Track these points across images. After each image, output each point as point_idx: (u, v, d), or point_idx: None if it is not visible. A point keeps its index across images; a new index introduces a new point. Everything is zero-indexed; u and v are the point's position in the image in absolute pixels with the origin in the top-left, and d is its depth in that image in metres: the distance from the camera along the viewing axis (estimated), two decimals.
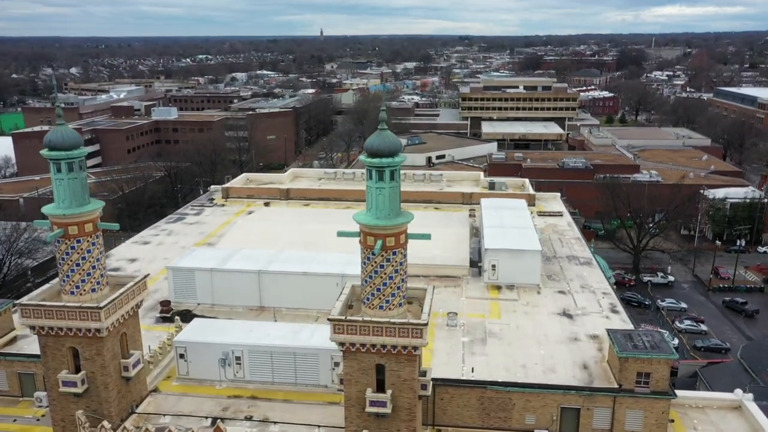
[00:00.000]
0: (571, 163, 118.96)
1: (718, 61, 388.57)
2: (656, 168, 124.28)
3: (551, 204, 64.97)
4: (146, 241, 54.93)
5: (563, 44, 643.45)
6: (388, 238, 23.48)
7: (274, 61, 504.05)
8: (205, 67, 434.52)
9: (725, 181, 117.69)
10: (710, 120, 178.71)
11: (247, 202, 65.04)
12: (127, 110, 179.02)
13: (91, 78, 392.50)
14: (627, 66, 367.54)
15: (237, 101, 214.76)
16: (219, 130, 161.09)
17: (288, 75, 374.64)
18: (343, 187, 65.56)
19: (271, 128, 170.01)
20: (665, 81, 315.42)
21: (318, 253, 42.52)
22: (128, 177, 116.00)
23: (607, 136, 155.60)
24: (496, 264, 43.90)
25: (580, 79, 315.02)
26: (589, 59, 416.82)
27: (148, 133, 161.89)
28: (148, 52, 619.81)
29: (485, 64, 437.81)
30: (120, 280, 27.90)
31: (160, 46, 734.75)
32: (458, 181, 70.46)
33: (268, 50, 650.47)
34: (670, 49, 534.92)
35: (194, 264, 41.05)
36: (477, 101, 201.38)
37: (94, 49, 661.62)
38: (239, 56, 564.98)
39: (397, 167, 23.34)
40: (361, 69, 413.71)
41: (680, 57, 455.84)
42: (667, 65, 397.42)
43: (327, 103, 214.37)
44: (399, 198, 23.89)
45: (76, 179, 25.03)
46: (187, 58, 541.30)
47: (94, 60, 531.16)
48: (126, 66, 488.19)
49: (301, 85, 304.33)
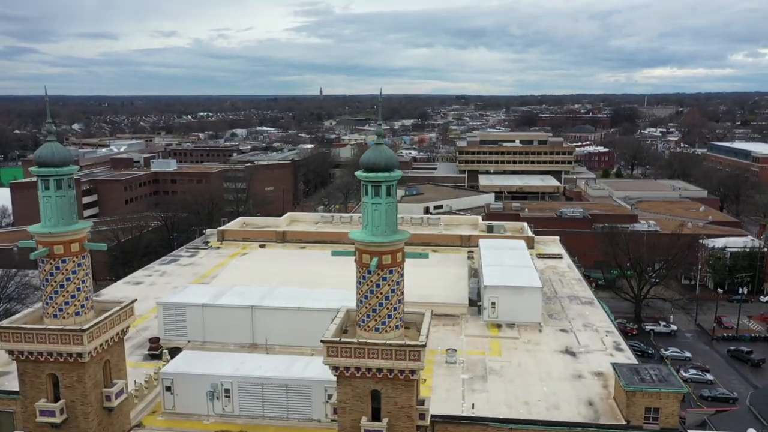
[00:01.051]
0: (569, 213, 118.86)
1: (710, 119, 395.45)
2: (654, 218, 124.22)
3: (550, 247, 64.28)
4: (138, 281, 53.83)
5: (558, 103, 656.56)
6: (384, 256, 22.71)
7: (274, 117, 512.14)
8: (206, 124, 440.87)
9: (724, 231, 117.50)
10: (705, 173, 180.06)
11: (242, 245, 64.22)
12: (126, 162, 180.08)
13: (93, 134, 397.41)
14: (621, 123, 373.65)
15: (236, 155, 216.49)
16: (217, 181, 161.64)
17: (287, 131, 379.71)
18: (340, 230, 64.91)
19: (269, 180, 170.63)
20: (659, 137, 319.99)
21: (313, 290, 41.49)
22: (125, 227, 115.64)
23: (603, 188, 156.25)
24: (495, 301, 42.82)
25: (576, 135, 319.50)
26: (584, 117, 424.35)
27: (146, 184, 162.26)
28: (150, 109, 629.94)
29: (482, 122, 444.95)
30: (106, 305, 26.88)
31: (163, 104, 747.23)
32: (456, 225, 69.93)
33: (268, 108, 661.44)
34: (662, 107, 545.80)
35: (186, 300, 39.96)
36: (474, 155, 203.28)
37: (97, 107, 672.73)
38: (240, 113, 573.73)
39: (393, 182, 22.82)
40: (359, 125, 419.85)
41: (673, 115, 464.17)
42: (660, 123, 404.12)
43: (325, 157, 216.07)
44: (396, 215, 23.25)
45: (64, 197, 24.41)
46: (189, 115, 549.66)
47: (97, 117, 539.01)
48: (128, 122, 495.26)
49: (301, 140, 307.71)
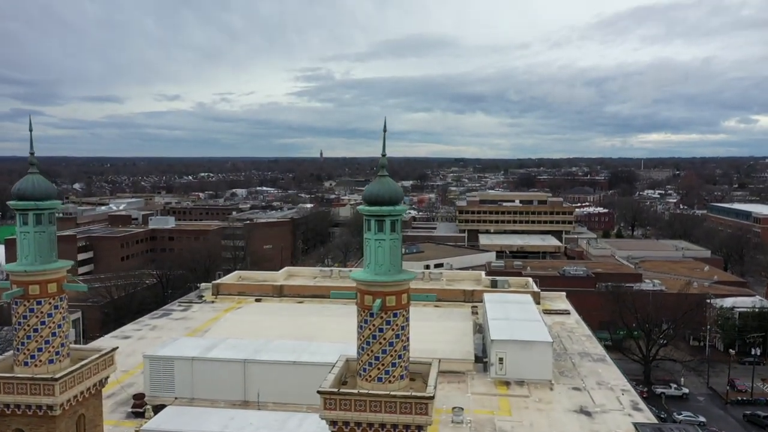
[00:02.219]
0: (572, 272, 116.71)
1: (707, 182, 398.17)
2: (659, 277, 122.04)
3: (557, 303, 62.05)
4: (127, 335, 51.39)
5: (555, 166, 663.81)
6: (388, 297, 20.76)
7: (275, 178, 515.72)
8: (207, 184, 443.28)
9: (731, 290, 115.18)
10: (707, 233, 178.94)
11: (238, 299, 61.94)
12: (124, 219, 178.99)
13: (94, 193, 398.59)
14: (619, 185, 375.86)
15: (235, 213, 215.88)
16: (215, 238, 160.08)
17: (287, 191, 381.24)
18: (339, 284, 62.80)
19: (268, 238, 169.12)
20: (658, 198, 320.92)
21: (310, 343, 39.17)
22: (118, 283, 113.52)
23: (606, 247, 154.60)
24: (503, 357, 40.39)
25: (574, 197, 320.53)
26: (582, 179, 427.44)
27: (143, 241, 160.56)
28: (152, 170, 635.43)
29: (480, 183, 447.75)
30: (84, 353, 24.69)
31: (164, 164, 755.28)
32: (458, 280, 67.88)
33: (269, 169, 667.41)
34: (659, 170, 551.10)
35: (174, 353, 37.56)
36: (474, 214, 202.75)
37: (99, 167, 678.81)
38: (240, 174, 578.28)
39: (398, 217, 21.14)
40: (359, 186, 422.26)
41: (670, 177, 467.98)
42: (657, 185, 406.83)
43: (325, 215, 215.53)
44: (400, 253, 21.48)
45: (43, 233, 22.69)
46: (190, 175, 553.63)
47: (99, 177, 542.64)
48: (129, 182, 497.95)
49: (300, 200, 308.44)
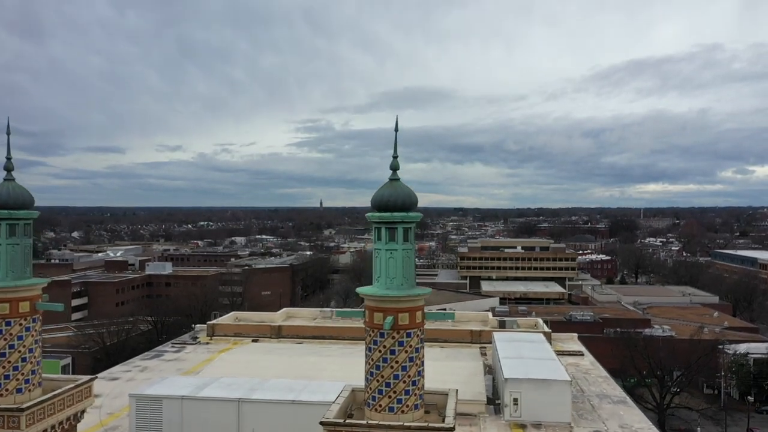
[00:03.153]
0: (579, 317, 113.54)
1: (708, 230, 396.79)
2: (667, 323, 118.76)
3: (569, 344, 59.06)
4: (115, 377, 48.22)
5: (555, 215, 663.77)
6: (400, 314, 18.45)
7: (274, 227, 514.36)
8: (206, 232, 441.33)
9: (743, 336, 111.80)
10: (713, 279, 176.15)
11: (234, 340, 58.89)
12: (120, 265, 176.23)
13: (92, 241, 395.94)
14: (620, 233, 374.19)
15: (234, 260, 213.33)
16: (213, 284, 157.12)
17: (287, 239, 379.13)
18: (340, 325, 59.92)
19: (266, 284, 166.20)
20: (660, 246, 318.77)
21: (310, 382, 36.32)
22: (112, 330, 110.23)
23: (611, 293, 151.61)
24: (518, 397, 37.43)
25: (575, 245, 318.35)
26: (582, 227, 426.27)
27: (139, 287, 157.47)
28: (152, 219, 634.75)
29: (480, 231, 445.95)
30: (58, 384, 22.11)
31: (164, 213, 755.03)
32: (465, 321, 64.94)
33: (268, 218, 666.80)
34: (659, 219, 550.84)
35: (162, 392, 34.64)
36: (475, 260, 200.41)
37: (98, 217, 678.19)
38: (240, 223, 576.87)
39: (412, 225, 19.04)
40: (359, 235, 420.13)
41: (670, 226, 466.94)
42: (658, 233, 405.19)
43: (324, 262, 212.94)
44: (414, 266, 19.27)
45: (17, 246, 20.49)
46: (189, 224, 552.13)
47: (98, 225, 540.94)
48: (128, 231, 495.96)
49: (300, 248, 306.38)
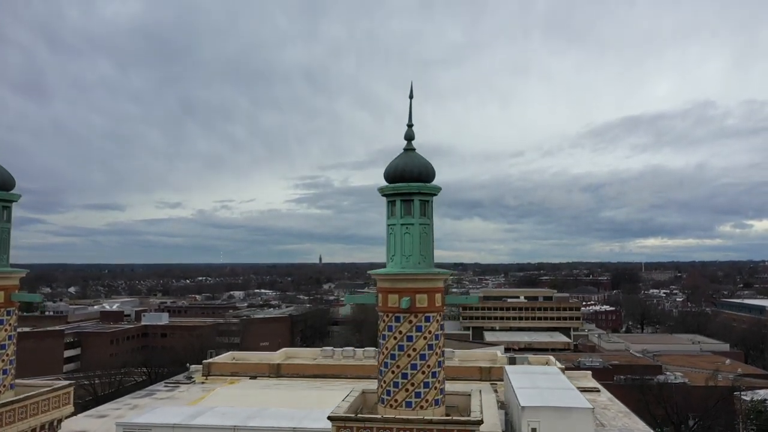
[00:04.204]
0: (587, 363, 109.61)
1: (711, 281, 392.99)
2: (679, 370, 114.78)
3: (583, 382, 55.88)
4: (103, 414, 45.18)
5: (555, 269, 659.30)
6: (418, 296, 16.42)
7: (273, 281, 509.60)
8: (204, 287, 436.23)
9: (758, 383, 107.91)
10: (722, 327, 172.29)
11: (230, 379, 55.88)
12: (116, 315, 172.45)
13: (88, 296, 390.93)
14: (622, 285, 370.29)
15: (232, 311, 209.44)
16: (210, 334, 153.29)
17: (286, 293, 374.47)
18: (343, 363, 57.04)
19: (264, 334, 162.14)
20: (664, 297, 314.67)
21: (312, 410, 33.66)
22: (104, 380, 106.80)
23: (619, 341, 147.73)
24: (536, 427, 34.61)
25: (579, 296, 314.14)
26: (584, 279, 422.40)
27: (134, 337, 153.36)
28: (150, 275, 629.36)
29: (481, 285, 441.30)
30: (33, 388, 19.82)
31: (162, 269, 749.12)
32: (472, 359, 61.96)
33: (267, 273, 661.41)
34: (660, 272, 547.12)
35: (152, 420, 31.97)
36: (478, 310, 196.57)
37: (96, 273, 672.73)
38: (239, 278, 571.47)
39: (430, 197, 17.24)
40: (359, 289, 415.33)
41: (672, 279, 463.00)
42: (661, 285, 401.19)
43: (324, 313, 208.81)
44: (432, 244, 17.37)
45: None
46: (187, 279, 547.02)
47: (95, 282, 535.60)
48: (125, 286, 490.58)
49: (299, 301, 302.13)
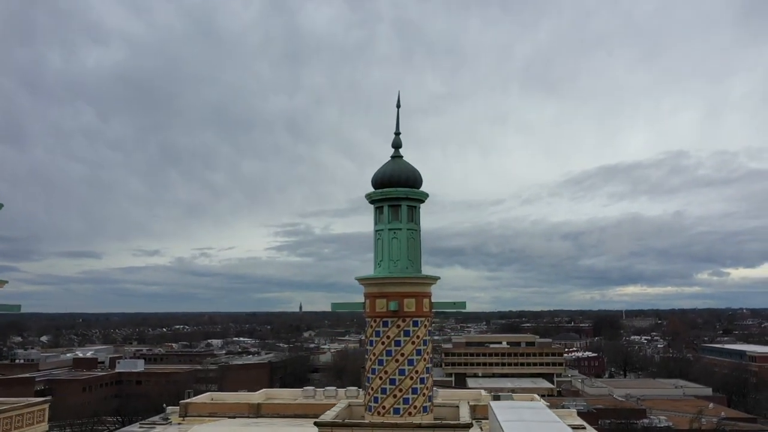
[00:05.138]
0: (571, 406, 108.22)
1: (691, 328, 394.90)
2: (663, 414, 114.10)
3: (568, 420, 55.29)
4: None
5: (537, 317, 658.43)
6: (406, 300, 16.39)
7: (252, 329, 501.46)
8: (181, 335, 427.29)
9: (742, 427, 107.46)
10: (704, 372, 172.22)
11: (209, 420, 54.34)
12: (89, 362, 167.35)
13: (61, 345, 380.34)
14: (603, 331, 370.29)
15: (210, 358, 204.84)
16: (187, 381, 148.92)
17: (265, 340, 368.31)
18: (325, 402, 55.88)
19: (243, 381, 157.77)
20: (645, 343, 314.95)
21: None
22: (77, 430, 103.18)
23: (602, 386, 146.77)
24: None
25: (561, 343, 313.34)
26: (566, 325, 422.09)
27: (108, 385, 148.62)
28: (125, 323, 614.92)
29: (463, 333, 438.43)
30: (7, 403, 19.13)
31: (139, 318, 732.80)
32: (456, 398, 61.10)
33: (246, 322, 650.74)
34: (641, 319, 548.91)
35: None
36: (460, 356, 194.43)
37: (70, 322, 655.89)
38: (217, 327, 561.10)
39: (418, 203, 17.41)
40: (339, 337, 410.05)
41: (653, 325, 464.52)
42: (642, 332, 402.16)
43: (304, 360, 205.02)
44: (420, 249, 17.45)
45: None
46: (164, 328, 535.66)
47: (68, 330, 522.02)
48: (99, 335, 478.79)
49: (279, 349, 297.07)
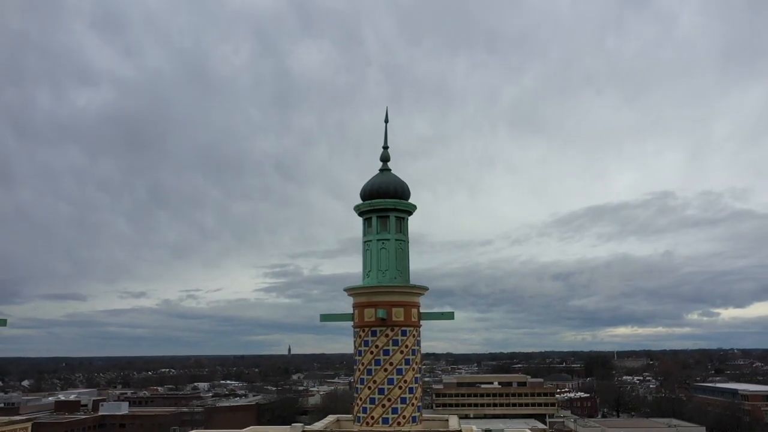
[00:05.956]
0: None
1: (683, 368, 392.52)
2: None
3: None
4: None
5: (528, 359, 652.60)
6: (395, 309, 16.36)
7: (239, 372, 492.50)
8: (167, 378, 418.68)
9: None
10: (697, 411, 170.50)
11: None
12: (71, 405, 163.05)
13: (43, 389, 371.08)
14: (595, 371, 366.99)
15: (196, 401, 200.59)
16: (172, 424, 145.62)
17: (253, 383, 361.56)
18: None
19: (230, 424, 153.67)
20: (638, 383, 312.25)
21: None
22: None
23: (596, 426, 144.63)
24: None
25: (553, 383, 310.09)
26: (558, 366, 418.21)
27: (92, 428, 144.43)
28: (110, 367, 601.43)
29: (455, 374, 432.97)
30: None
31: (124, 362, 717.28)
32: None
33: (234, 365, 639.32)
34: (633, 359, 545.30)
35: None
36: (451, 397, 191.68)
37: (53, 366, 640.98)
38: (204, 370, 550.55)
39: (406, 215, 17.55)
40: (329, 379, 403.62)
41: (645, 366, 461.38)
42: (634, 372, 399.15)
43: (293, 402, 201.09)
44: (408, 260, 17.51)
45: None
46: (149, 371, 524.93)
47: (50, 375, 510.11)
48: (83, 379, 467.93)
49: (267, 391, 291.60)
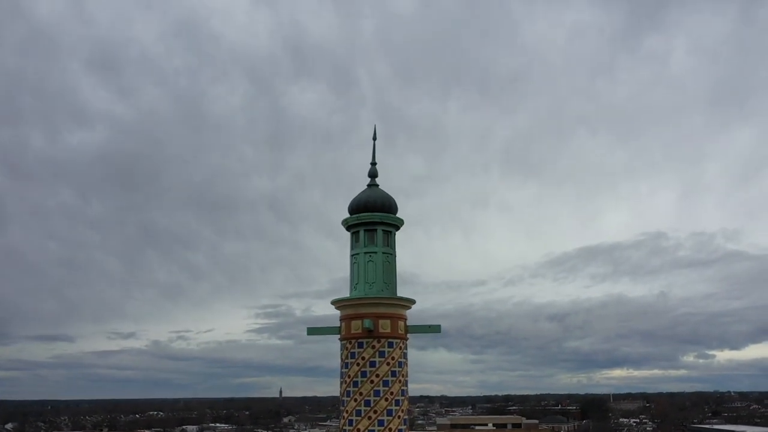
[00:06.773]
0: None
1: (680, 410, 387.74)
2: None
3: None
4: None
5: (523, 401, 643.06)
6: (381, 321, 16.37)
7: (229, 415, 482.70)
8: (155, 421, 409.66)
9: None
10: None
11: None
12: None
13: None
14: (591, 413, 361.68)
15: None
16: None
17: (243, 426, 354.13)
18: None
19: None
20: (634, 426, 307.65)
21: None
22: None
23: None
24: None
25: (548, 426, 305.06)
26: (553, 408, 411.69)
27: None
28: (97, 410, 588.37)
29: (449, 417, 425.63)
30: None
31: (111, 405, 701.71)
32: None
33: (224, 407, 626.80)
34: (629, 402, 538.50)
35: None
36: None
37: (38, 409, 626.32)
38: (193, 413, 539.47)
39: (394, 229, 17.69)
40: (321, 422, 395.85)
41: (642, 408, 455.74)
42: (630, 414, 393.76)
43: None
44: (395, 274, 17.62)
45: None
46: (137, 414, 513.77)
47: (35, 417, 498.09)
48: (68, 422, 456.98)
49: None
